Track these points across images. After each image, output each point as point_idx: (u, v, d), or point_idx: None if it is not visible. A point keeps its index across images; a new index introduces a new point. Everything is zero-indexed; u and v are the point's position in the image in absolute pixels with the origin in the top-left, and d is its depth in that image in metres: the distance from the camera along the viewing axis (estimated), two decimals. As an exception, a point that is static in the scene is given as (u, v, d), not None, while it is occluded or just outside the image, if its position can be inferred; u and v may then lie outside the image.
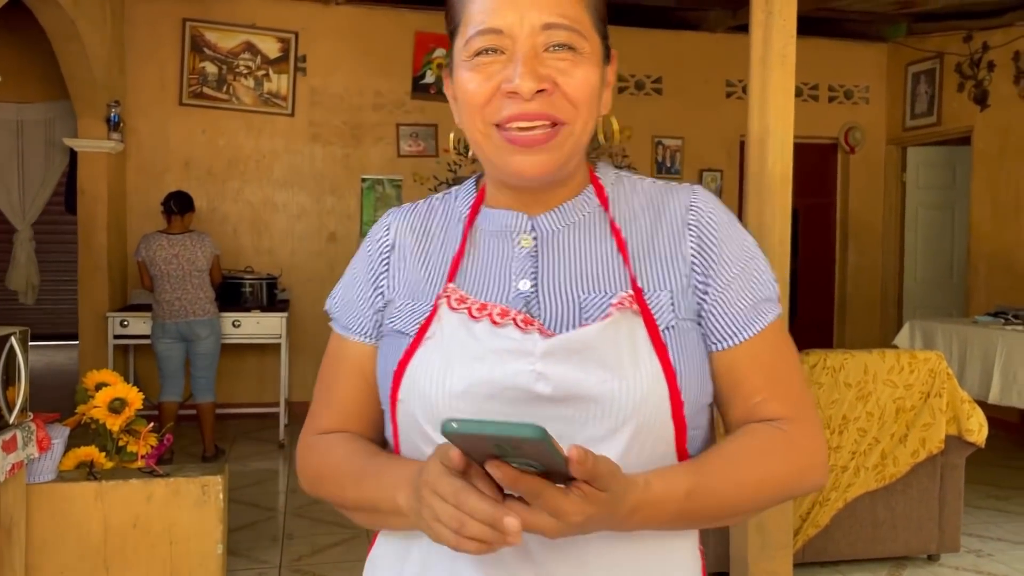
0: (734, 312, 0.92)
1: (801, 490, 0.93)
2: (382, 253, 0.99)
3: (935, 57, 6.91)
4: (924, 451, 3.64)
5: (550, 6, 0.86)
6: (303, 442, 1.02)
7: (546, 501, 0.72)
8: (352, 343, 0.99)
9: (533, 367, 0.84)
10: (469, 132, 0.92)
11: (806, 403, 0.94)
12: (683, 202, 0.95)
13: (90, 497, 2.79)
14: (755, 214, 3.30)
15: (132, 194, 6.22)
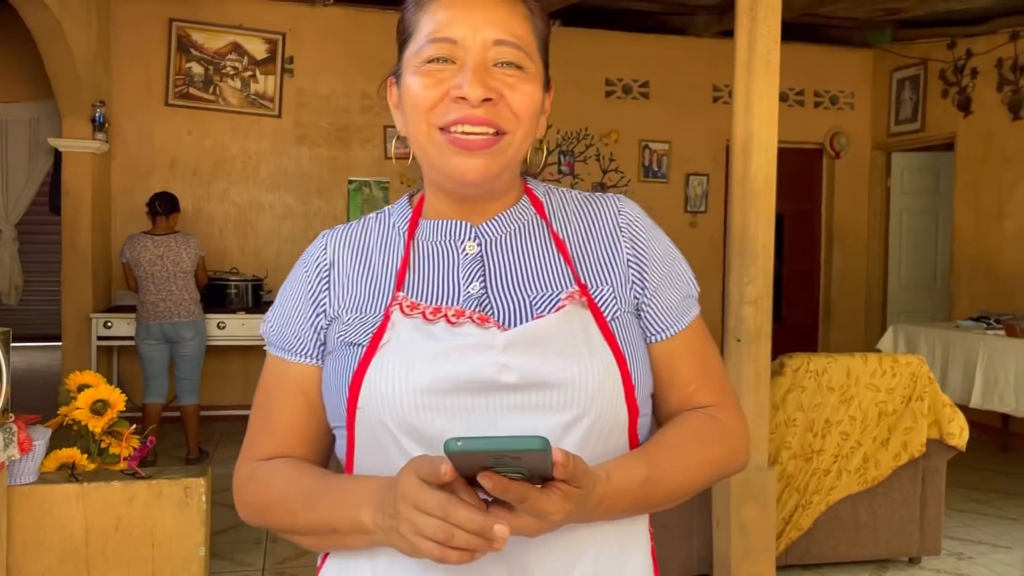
0: (668, 306, 1.00)
1: (731, 469, 1.00)
2: (320, 273, 0.99)
3: (919, 64, 6.97)
4: (906, 454, 3.67)
5: (502, 24, 0.92)
6: (242, 472, 1.01)
7: (532, 504, 0.76)
8: (293, 365, 0.99)
9: (496, 359, 0.88)
10: (413, 135, 0.95)
11: (729, 390, 1.03)
12: (612, 208, 1.02)
13: (72, 499, 2.78)
14: (739, 218, 3.32)
15: (117, 194, 6.19)
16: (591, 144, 7.01)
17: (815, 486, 3.60)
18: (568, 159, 6.96)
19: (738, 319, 3.30)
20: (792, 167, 7.50)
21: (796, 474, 3.59)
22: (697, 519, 3.51)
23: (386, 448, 0.89)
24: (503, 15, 0.93)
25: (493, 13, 0.92)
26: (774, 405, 3.51)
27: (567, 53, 6.87)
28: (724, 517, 3.31)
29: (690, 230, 7.21)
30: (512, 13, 0.94)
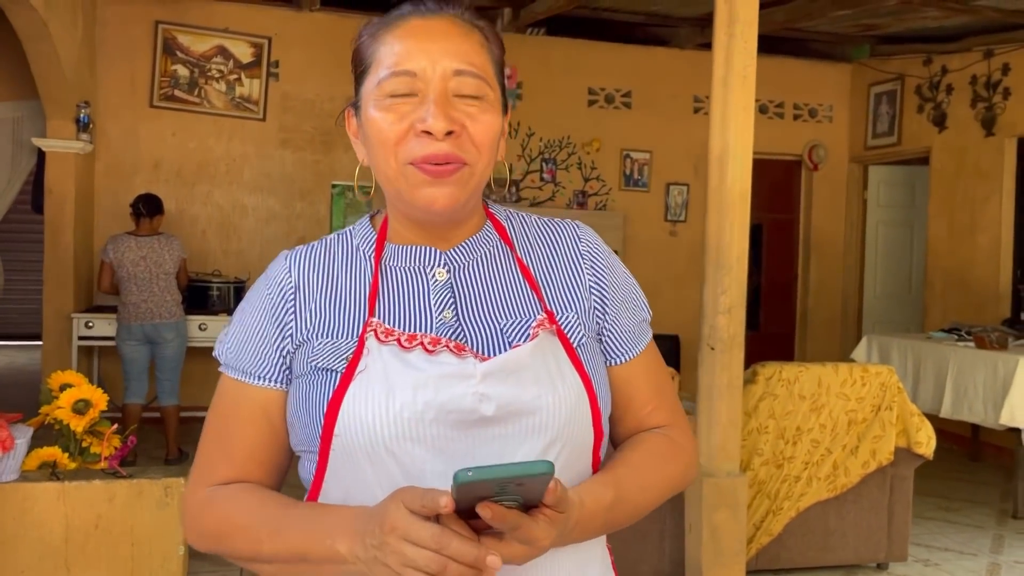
0: (626, 331, 1.04)
1: (684, 485, 1.05)
2: (285, 296, 0.98)
3: (896, 79, 7.10)
4: (874, 462, 3.75)
5: (460, 54, 0.93)
6: (195, 496, 0.98)
7: (523, 531, 0.79)
8: (255, 388, 0.97)
9: (475, 389, 0.90)
10: (381, 168, 0.95)
11: (679, 410, 1.09)
12: (573, 236, 1.06)
13: (52, 497, 2.81)
14: (715, 229, 3.40)
15: (100, 195, 6.20)
16: (573, 152, 7.08)
17: (786, 492, 3.68)
18: (550, 167, 7.03)
19: (712, 327, 3.37)
20: (771, 178, 7.62)
21: (767, 480, 3.66)
22: (669, 524, 3.58)
23: (363, 474, 0.90)
24: (460, 44, 0.94)
25: (450, 43, 0.93)
26: (746, 412, 3.59)
27: (551, 62, 6.96)
28: (696, 522, 3.37)
29: (670, 239, 7.30)
30: (468, 41, 0.95)
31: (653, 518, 3.57)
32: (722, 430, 3.36)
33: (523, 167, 6.99)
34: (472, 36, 0.96)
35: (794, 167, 7.75)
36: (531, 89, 6.94)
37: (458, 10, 0.97)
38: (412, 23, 0.95)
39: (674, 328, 6.92)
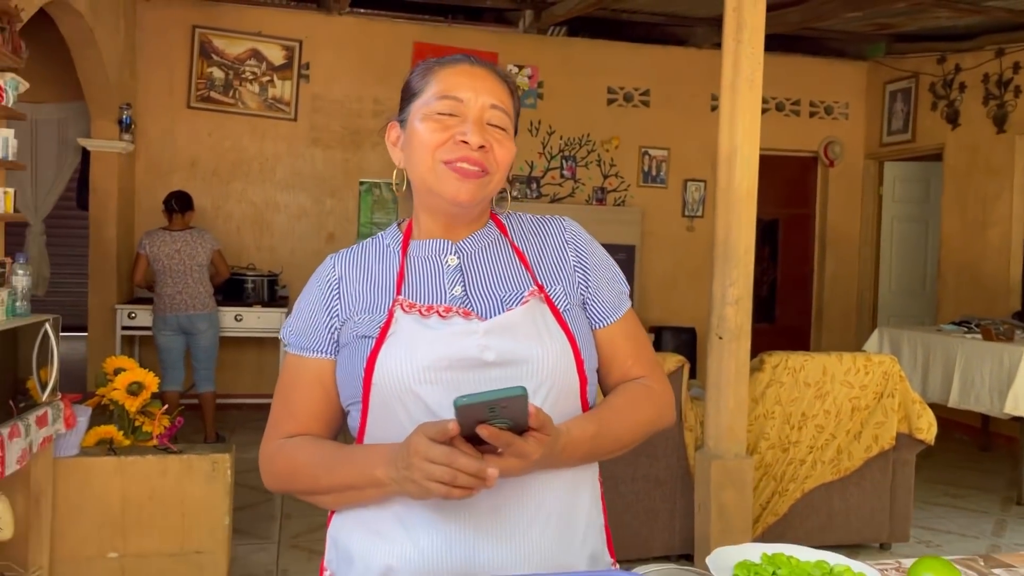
0: (607, 300, 1.30)
1: (662, 424, 1.29)
2: (331, 286, 1.25)
3: (911, 77, 7.23)
4: (877, 447, 3.94)
5: (496, 94, 1.22)
6: (268, 448, 1.24)
7: (515, 448, 1.03)
8: (311, 360, 1.23)
9: (479, 342, 1.16)
10: (417, 166, 1.22)
11: (656, 364, 1.33)
12: (559, 227, 1.33)
13: (110, 471, 3.08)
14: (723, 224, 3.59)
15: (140, 192, 6.50)
16: (592, 150, 7.29)
17: (791, 475, 3.87)
18: (570, 164, 7.24)
19: (720, 318, 3.57)
20: (787, 174, 7.78)
21: (773, 463, 3.86)
22: (680, 503, 3.79)
23: (395, 414, 1.15)
24: (496, 87, 1.23)
25: (489, 84, 1.22)
26: (754, 399, 3.78)
27: (571, 62, 7.16)
28: (705, 501, 3.58)
29: (687, 234, 7.49)
30: (502, 88, 1.24)
31: (664, 497, 3.79)
32: (729, 415, 3.56)
33: (543, 164, 7.20)
34: (504, 87, 1.24)
35: (810, 163, 7.89)
36: (552, 88, 7.15)
37: (498, 68, 1.26)
38: (463, 67, 1.23)
39: (691, 321, 7.11)
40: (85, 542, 3.05)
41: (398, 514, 1.16)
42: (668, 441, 3.77)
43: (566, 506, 1.20)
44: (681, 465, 3.80)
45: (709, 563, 1.23)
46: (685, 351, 6.39)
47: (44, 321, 2.72)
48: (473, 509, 1.13)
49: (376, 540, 1.17)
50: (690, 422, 3.79)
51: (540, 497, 1.17)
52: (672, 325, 7.19)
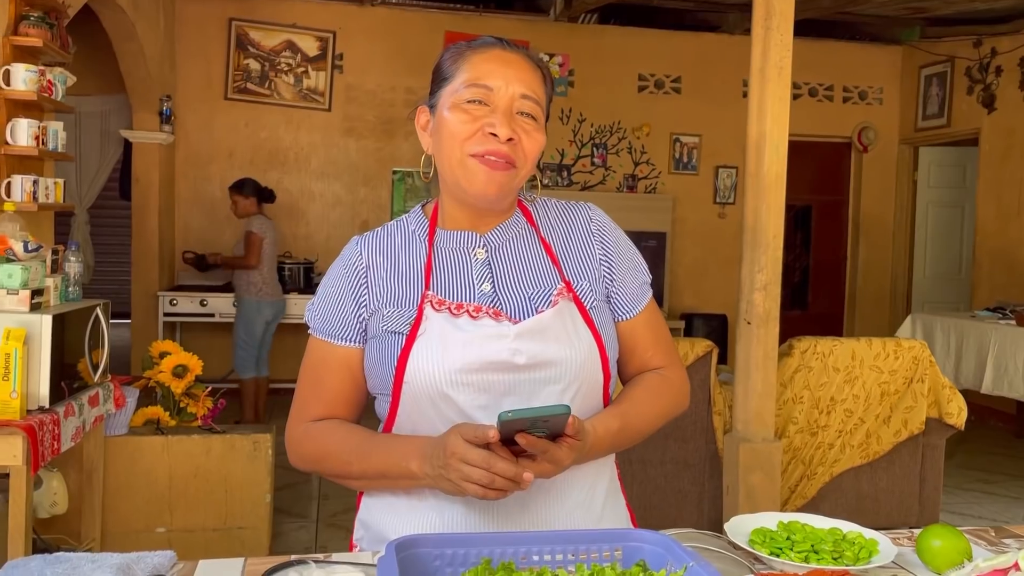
0: (631, 292, 1.31)
1: (677, 412, 1.34)
2: (358, 274, 1.24)
3: (946, 61, 7.15)
4: (906, 431, 3.96)
5: (527, 82, 1.21)
6: (295, 430, 1.26)
7: (550, 455, 1.07)
8: (339, 347, 1.24)
9: (510, 345, 1.17)
10: (446, 157, 1.21)
11: (675, 353, 1.36)
12: (585, 216, 1.33)
13: (158, 449, 3.21)
14: (752, 211, 3.62)
15: (180, 182, 6.67)
16: (623, 137, 7.31)
17: (820, 458, 3.91)
18: (601, 151, 7.28)
19: (749, 303, 3.61)
20: (820, 160, 7.74)
21: (802, 447, 3.90)
22: (708, 486, 3.84)
23: (425, 410, 1.17)
24: (527, 75, 1.21)
25: (521, 72, 1.20)
26: (782, 383, 3.82)
27: (602, 49, 7.19)
28: (733, 484, 3.63)
29: (719, 221, 7.49)
30: (534, 75, 1.22)
31: (693, 480, 3.85)
32: (757, 399, 3.60)
33: (574, 152, 7.25)
34: (537, 73, 1.23)
35: (844, 149, 7.85)
36: (582, 76, 7.18)
37: (531, 52, 1.25)
38: (495, 52, 1.21)
39: (722, 308, 7.13)
40: (134, 517, 3.19)
41: (426, 500, 1.20)
42: (697, 424, 3.83)
43: (587, 498, 1.25)
44: (709, 448, 3.85)
45: (727, 529, 1.30)
46: (716, 338, 6.41)
47: (95, 306, 2.84)
48: (501, 503, 1.17)
49: (404, 522, 1.21)
50: (719, 406, 3.84)
51: (564, 491, 1.23)
52: (703, 312, 7.22)
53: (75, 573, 1.07)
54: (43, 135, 3.23)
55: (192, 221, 6.71)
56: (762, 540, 1.26)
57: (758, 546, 1.25)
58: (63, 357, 2.59)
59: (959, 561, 1.20)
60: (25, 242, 2.55)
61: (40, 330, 2.44)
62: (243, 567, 1.18)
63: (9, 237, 2.55)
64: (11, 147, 3.10)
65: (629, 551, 1.01)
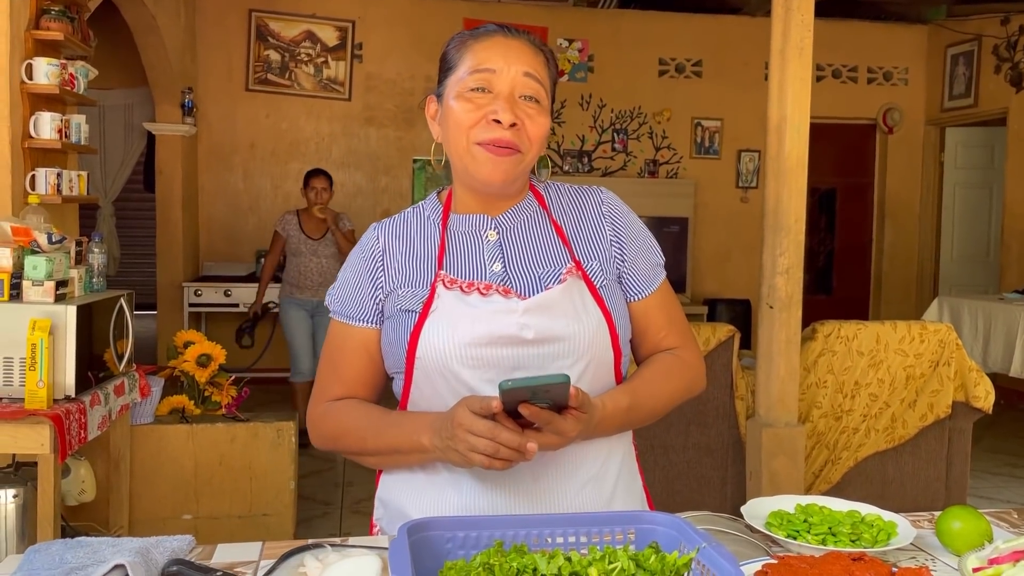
0: (643, 273, 1.32)
1: (692, 393, 1.34)
2: (375, 258, 1.28)
3: (973, 39, 7.02)
4: (932, 415, 3.91)
5: (529, 61, 1.22)
6: (316, 410, 1.29)
7: (555, 426, 1.08)
8: (357, 329, 1.27)
9: (518, 320, 1.19)
10: (453, 145, 1.24)
11: (689, 334, 1.36)
12: (597, 199, 1.34)
13: (183, 437, 3.25)
14: (773, 194, 3.59)
15: (203, 174, 6.73)
16: (644, 122, 7.27)
17: (844, 443, 3.88)
18: (622, 137, 7.23)
19: (771, 287, 3.59)
20: (845, 142, 7.65)
21: (826, 432, 3.87)
22: (731, 471, 3.83)
23: (437, 386, 1.20)
24: (529, 55, 1.23)
25: (523, 53, 1.22)
26: (806, 368, 3.79)
27: (621, 34, 7.14)
28: (756, 468, 3.62)
29: (741, 206, 7.43)
30: (536, 58, 1.24)
31: (715, 465, 3.83)
32: (780, 384, 3.58)
33: (595, 138, 7.21)
34: (540, 56, 1.25)
35: (868, 131, 7.74)
36: (602, 61, 7.14)
37: (531, 37, 1.25)
38: (496, 38, 1.23)
39: (745, 293, 7.08)
40: (161, 504, 3.23)
41: (442, 476, 1.23)
42: (719, 410, 3.81)
43: (599, 473, 1.26)
44: (732, 434, 3.84)
45: (744, 512, 1.29)
46: (740, 323, 6.36)
47: (119, 296, 2.88)
48: (514, 476, 1.20)
49: (422, 497, 1.24)
50: (741, 391, 3.82)
51: (575, 464, 1.24)
52: (726, 297, 7.17)
53: (95, 557, 1.08)
54: (66, 128, 3.26)
55: (215, 212, 6.77)
56: (779, 523, 1.25)
57: (775, 529, 1.24)
58: (88, 347, 2.62)
59: (979, 543, 1.19)
60: (49, 234, 2.58)
61: (65, 320, 2.48)
62: (261, 551, 1.19)
63: (33, 229, 2.58)
64: (34, 140, 3.13)
65: (642, 533, 1.01)
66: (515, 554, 0.93)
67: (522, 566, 0.90)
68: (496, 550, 0.94)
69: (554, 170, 7.12)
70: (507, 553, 0.94)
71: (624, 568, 0.90)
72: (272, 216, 6.83)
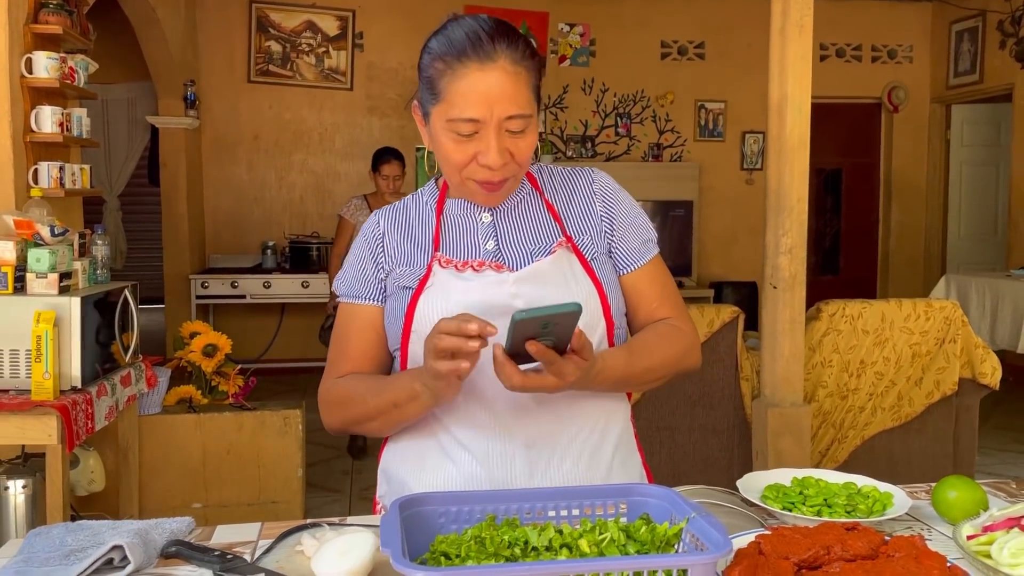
0: (633, 247, 1.36)
1: (688, 363, 1.34)
2: (376, 240, 1.34)
3: (978, 15, 6.96)
4: (938, 392, 3.90)
5: (511, 104, 1.19)
6: (325, 386, 1.34)
7: (556, 367, 1.10)
8: (363, 307, 1.33)
9: (510, 290, 1.24)
10: (446, 172, 1.28)
11: (682, 306, 1.39)
12: (588, 179, 1.38)
13: (191, 427, 3.28)
14: (775, 174, 3.58)
15: (207, 166, 6.74)
16: (647, 106, 7.24)
17: (850, 422, 3.88)
18: (625, 121, 7.21)
19: (774, 268, 3.58)
20: (850, 122, 7.60)
21: (832, 411, 3.87)
22: (737, 452, 3.83)
23: None
24: (510, 90, 1.18)
25: (504, 90, 1.18)
26: (811, 347, 3.79)
27: (623, 18, 7.10)
28: (762, 448, 3.62)
29: (746, 188, 7.40)
30: (516, 85, 1.19)
31: (721, 446, 3.84)
32: (785, 363, 3.57)
33: (598, 123, 7.19)
34: (519, 79, 1.20)
35: (874, 110, 7.70)
36: (604, 46, 7.11)
37: (508, 48, 1.19)
38: (474, 76, 1.18)
39: (752, 275, 7.06)
40: (170, 493, 3.26)
41: (442, 444, 1.26)
42: (724, 390, 3.81)
43: (595, 443, 1.29)
44: (738, 414, 3.84)
45: (740, 485, 1.30)
46: (746, 305, 6.33)
47: (124, 287, 2.89)
48: (509, 443, 1.23)
49: (422, 470, 1.28)
50: (746, 371, 3.82)
51: (571, 433, 1.26)
52: (733, 280, 7.15)
53: (95, 539, 1.10)
54: (67, 122, 3.27)
55: (220, 204, 6.79)
56: (775, 496, 1.26)
57: (771, 502, 1.25)
58: (94, 338, 2.64)
59: (975, 512, 1.19)
60: (52, 227, 2.59)
61: (70, 312, 2.49)
62: (259, 531, 1.20)
63: (36, 222, 2.60)
64: (36, 134, 3.15)
65: (634, 505, 1.01)
66: (507, 527, 0.94)
67: (513, 539, 0.91)
68: (488, 524, 0.95)
69: (557, 156, 7.10)
70: (499, 527, 0.95)
71: (614, 539, 0.90)
72: (277, 207, 6.86)
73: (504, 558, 0.89)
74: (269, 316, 6.61)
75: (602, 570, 0.81)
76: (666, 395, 3.71)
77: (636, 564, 0.81)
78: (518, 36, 1.23)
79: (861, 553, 0.98)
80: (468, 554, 0.89)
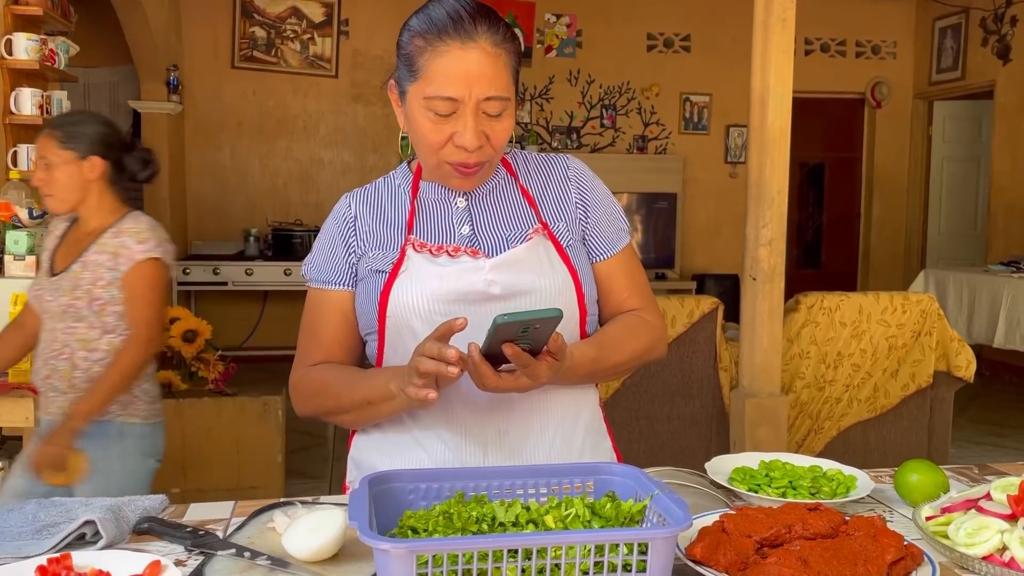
0: (606, 235, 1.36)
1: (654, 355, 1.35)
2: (347, 223, 1.32)
3: (961, 12, 7.02)
4: (914, 385, 3.95)
5: (490, 85, 1.18)
6: (296, 375, 1.32)
7: (531, 369, 1.11)
8: (333, 292, 1.30)
9: (486, 276, 1.23)
10: (421, 153, 1.26)
11: (650, 297, 1.39)
12: (563, 165, 1.38)
13: (171, 413, 3.25)
14: (756, 166, 3.61)
15: (190, 152, 6.70)
16: (632, 98, 7.26)
17: (827, 413, 3.92)
18: (610, 113, 7.22)
19: (754, 259, 3.61)
20: (833, 117, 7.65)
21: (809, 402, 3.91)
22: (716, 442, 3.87)
23: (408, 344, 1.19)
24: (489, 70, 1.18)
25: (483, 70, 1.17)
26: (789, 339, 3.82)
27: (609, 9, 7.11)
28: (740, 438, 3.66)
29: (730, 181, 7.44)
30: (495, 67, 1.19)
31: (700, 436, 3.87)
32: (763, 355, 3.61)
33: (583, 114, 7.20)
34: (499, 60, 1.19)
35: (857, 105, 7.75)
36: (590, 37, 7.11)
37: (488, 29, 1.19)
38: (455, 55, 1.17)
39: (734, 268, 7.10)
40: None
41: (415, 436, 1.26)
42: (703, 381, 3.84)
43: (567, 430, 1.30)
44: (716, 405, 3.87)
45: (708, 468, 1.32)
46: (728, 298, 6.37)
47: (102, 271, 2.88)
48: (481, 432, 1.23)
49: (392, 456, 1.27)
50: (725, 362, 3.85)
51: (544, 421, 1.27)
52: (715, 272, 7.20)
53: (68, 515, 1.10)
54: (47, 104, 3.25)
55: (203, 190, 6.75)
56: (742, 478, 1.28)
57: (737, 483, 1.27)
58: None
59: (936, 495, 1.22)
60: (30, 209, 2.58)
61: (48, 295, 2.48)
62: (232, 509, 1.22)
63: (15, 204, 2.59)
64: (15, 116, 3.13)
65: (601, 484, 1.03)
66: (475, 504, 0.96)
67: (481, 515, 0.92)
68: (457, 500, 0.97)
69: (542, 146, 7.11)
70: (467, 503, 0.96)
71: (579, 515, 0.92)
72: (260, 194, 6.84)
73: (471, 533, 0.90)
74: (251, 304, 6.59)
75: (564, 543, 0.82)
76: (645, 385, 3.73)
77: (597, 537, 0.83)
78: (499, 19, 1.23)
79: (821, 532, 1.00)
80: (435, 529, 0.91)
